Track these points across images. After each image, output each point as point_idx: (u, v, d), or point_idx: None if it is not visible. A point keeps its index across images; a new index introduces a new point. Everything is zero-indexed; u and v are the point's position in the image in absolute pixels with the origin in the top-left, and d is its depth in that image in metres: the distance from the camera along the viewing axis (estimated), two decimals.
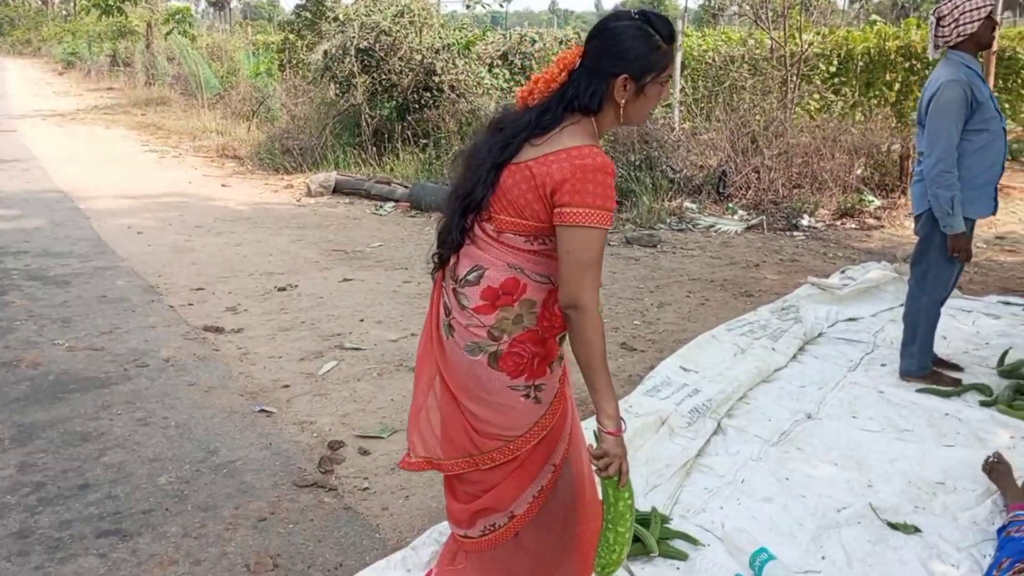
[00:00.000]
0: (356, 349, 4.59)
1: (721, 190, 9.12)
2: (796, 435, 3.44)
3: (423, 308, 5.08)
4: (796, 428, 3.51)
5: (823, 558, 2.60)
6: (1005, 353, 4.16)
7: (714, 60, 14.17)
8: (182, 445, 3.42)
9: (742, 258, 6.78)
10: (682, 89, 12.62)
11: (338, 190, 9.88)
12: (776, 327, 4.74)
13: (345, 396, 3.95)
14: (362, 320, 5.10)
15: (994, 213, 3.88)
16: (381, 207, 9.12)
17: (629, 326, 4.95)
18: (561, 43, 13.26)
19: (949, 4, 3.68)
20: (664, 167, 9.17)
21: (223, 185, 10.48)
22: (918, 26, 15.55)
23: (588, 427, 2.53)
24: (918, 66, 14.41)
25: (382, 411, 3.78)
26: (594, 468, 1.94)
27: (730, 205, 8.83)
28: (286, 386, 4.05)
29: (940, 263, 3.83)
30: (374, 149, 11.20)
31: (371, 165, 10.98)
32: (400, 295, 5.66)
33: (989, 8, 3.63)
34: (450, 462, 2.09)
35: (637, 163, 9.07)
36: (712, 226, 8.07)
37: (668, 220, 8.16)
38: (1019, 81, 13.58)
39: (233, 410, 3.77)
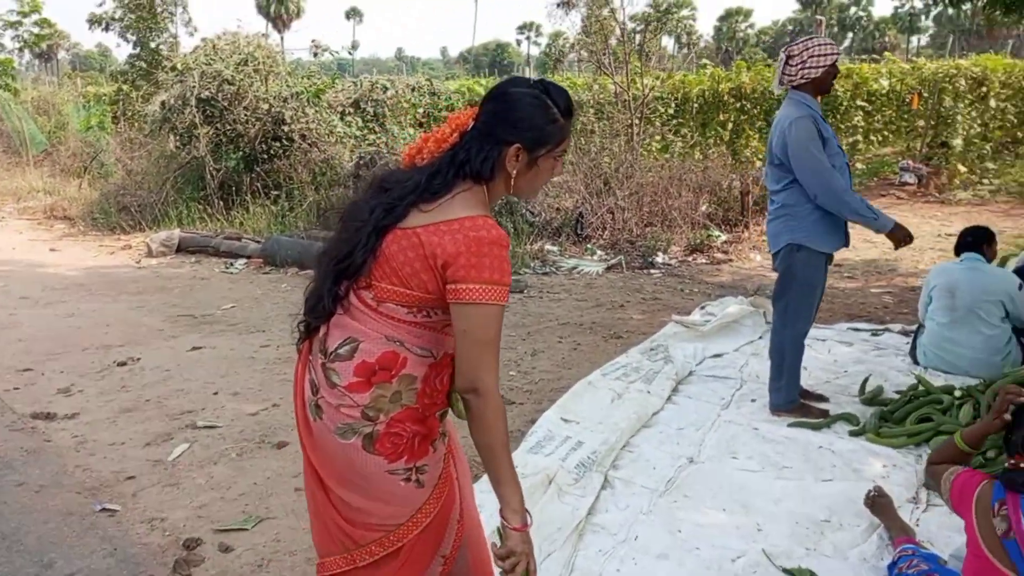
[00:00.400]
0: (211, 427, 4.19)
1: (579, 231, 9.27)
2: (681, 482, 3.40)
3: (285, 375, 4.79)
4: (680, 474, 3.47)
5: None
6: (865, 381, 4.34)
7: None
8: (11, 560, 2.94)
9: (607, 299, 6.85)
10: None
11: (182, 248, 9.27)
12: (648, 369, 4.75)
13: (200, 484, 3.56)
14: (216, 393, 4.70)
15: (847, 245, 4.05)
16: (231, 265, 8.62)
17: (505, 377, 4.83)
18: (413, 90, 13.23)
19: (800, 45, 3.85)
20: (524, 211, 9.23)
21: (52, 249, 9.62)
22: (748, 68, 16.68)
23: (480, 489, 2.37)
24: (748, 106, 15.43)
25: (244, 498, 3.43)
26: (497, 572, 1.76)
27: (589, 246, 8.97)
28: (131, 477, 3.61)
29: (800, 298, 3.94)
30: (221, 203, 10.65)
31: (218, 220, 10.42)
32: (258, 361, 5.27)
33: (835, 57, 3.81)
34: (327, 559, 1.86)
35: (497, 209, 9.07)
36: (575, 268, 8.15)
37: (532, 264, 8.18)
38: (837, 117, 14.77)
39: (70, 511, 3.30)
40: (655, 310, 6.46)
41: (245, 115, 10.75)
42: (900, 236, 3.81)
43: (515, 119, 1.76)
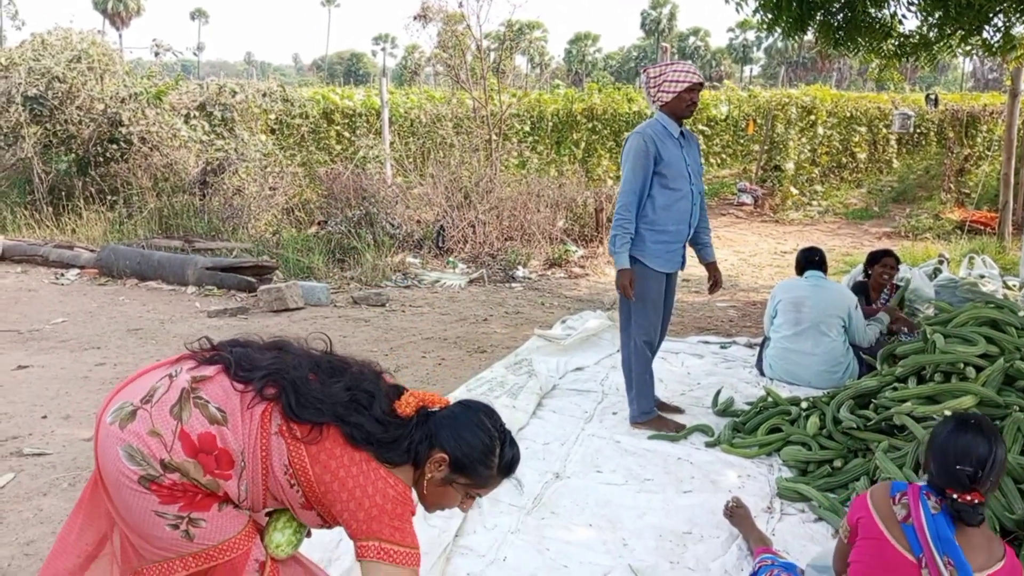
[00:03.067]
0: (39, 455, 3.78)
1: (441, 244, 9.22)
2: (548, 498, 3.40)
3: None
4: (547, 491, 3.47)
5: None
6: (718, 393, 4.53)
7: (420, 117, 14.50)
8: None
9: (470, 313, 6.83)
10: (392, 144, 12.71)
11: (7, 257, 8.43)
12: (513, 383, 4.75)
13: (28, 517, 3.20)
14: (45, 417, 4.26)
15: (682, 268, 4.20)
16: (63, 275, 7.92)
17: None
18: (265, 95, 12.74)
19: (656, 68, 3.95)
20: (384, 223, 9.07)
21: None
22: (599, 90, 17.26)
23: None
24: (599, 126, 15.98)
25: None
26: None
27: (451, 259, 8.93)
28: None
29: (640, 309, 4.05)
30: (50, 209, 9.79)
31: (47, 227, 9.56)
32: (92, 381, 4.84)
33: (685, 84, 3.86)
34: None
35: (356, 220, 8.87)
36: (437, 281, 8.08)
37: (393, 277, 8.04)
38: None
39: None
40: (518, 324, 6.50)
41: (78, 115, 9.97)
42: (619, 281, 3.98)
43: (461, 436, 1.81)
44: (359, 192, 9.51)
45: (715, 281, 4.31)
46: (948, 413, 3.20)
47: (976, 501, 1.97)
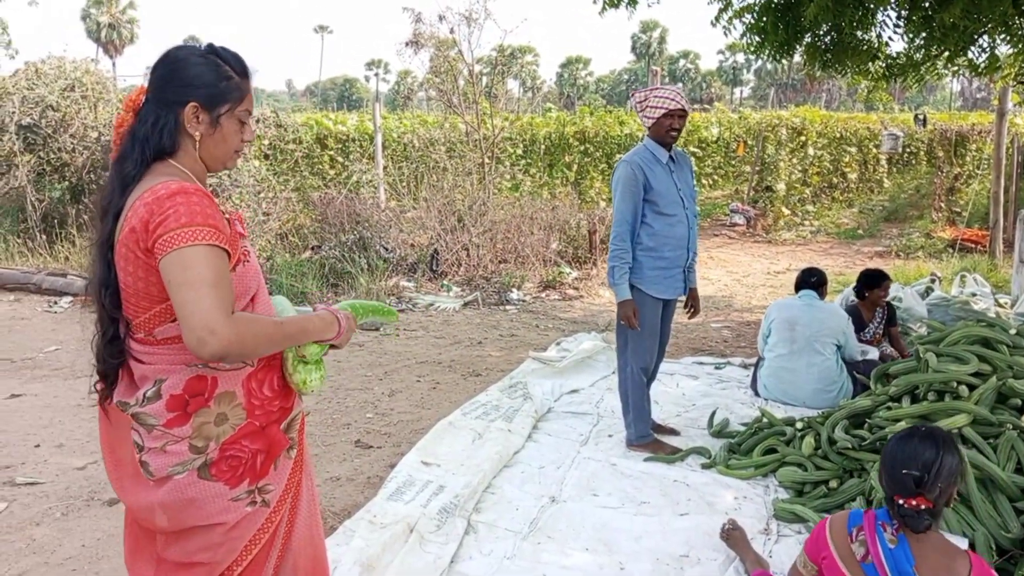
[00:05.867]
0: (32, 484, 3.76)
1: (435, 268, 9.23)
2: (544, 522, 3.38)
3: None
4: (543, 515, 3.45)
5: None
6: (713, 414, 4.54)
7: (413, 142, 14.58)
8: None
9: (465, 336, 6.83)
10: (385, 168, 12.77)
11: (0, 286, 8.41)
12: (508, 406, 4.75)
13: (20, 548, 3.18)
14: (38, 446, 4.24)
15: (685, 294, 4.20)
16: (56, 303, 7.90)
17: (362, 420, 4.66)
18: (258, 121, 12.79)
19: (642, 93, 3.98)
20: (378, 247, 9.09)
21: None
22: (591, 113, 17.40)
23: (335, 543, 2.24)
24: (591, 149, 16.09)
25: (71, 562, 3.08)
26: None
27: (444, 282, 8.94)
28: None
29: (636, 336, 4.04)
30: (43, 237, 9.78)
31: (41, 255, 9.55)
32: (85, 409, 4.81)
33: (664, 110, 3.86)
34: None
35: (350, 244, 8.89)
36: (431, 304, 8.08)
37: (387, 301, 8.03)
38: None
39: None
40: (512, 346, 6.50)
41: (71, 143, 9.99)
42: (622, 313, 3.94)
43: (185, 78, 1.68)
44: (353, 216, 9.53)
45: (694, 308, 4.30)
46: None
47: (922, 506, 1.96)
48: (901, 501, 1.98)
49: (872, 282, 5.35)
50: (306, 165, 14.41)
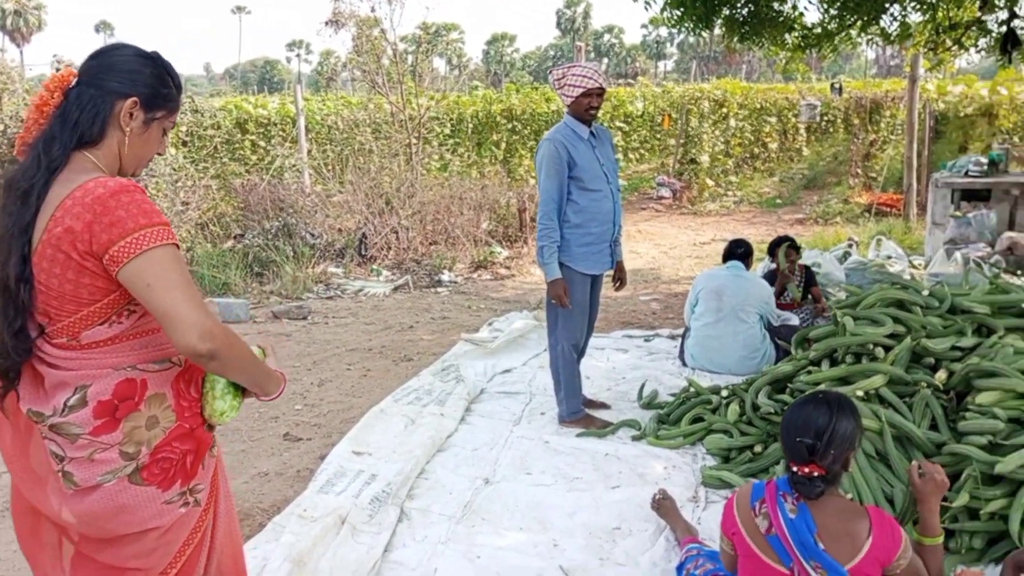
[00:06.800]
0: None
1: (363, 252, 9.09)
2: (479, 505, 3.38)
3: None
4: (477, 497, 3.44)
5: None
6: (642, 386, 4.59)
7: (337, 124, 14.31)
8: None
9: (395, 321, 6.75)
10: (309, 152, 12.50)
11: None
12: (441, 390, 4.71)
13: None
14: None
15: (612, 268, 4.23)
16: None
17: (290, 412, 4.57)
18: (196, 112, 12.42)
19: (559, 70, 3.96)
20: (303, 233, 8.90)
21: None
22: (517, 91, 17.34)
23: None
24: (519, 127, 16.05)
25: None
26: None
27: (374, 267, 8.82)
28: None
29: (565, 313, 4.04)
30: None
31: None
32: None
33: (581, 89, 3.84)
34: None
35: (274, 231, 8.67)
36: (361, 290, 7.96)
37: (315, 288, 7.88)
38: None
39: None
40: (444, 329, 6.45)
41: None
42: (552, 292, 3.95)
43: (131, 72, 1.63)
44: (276, 203, 9.30)
45: (621, 280, 4.34)
46: (860, 393, 3.31)
47: (815, 474, 1.97)
48: (795, 469, 2.01)
49: (773, 246, 5.64)
50: (226, 151, 14.01)
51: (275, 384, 1.75)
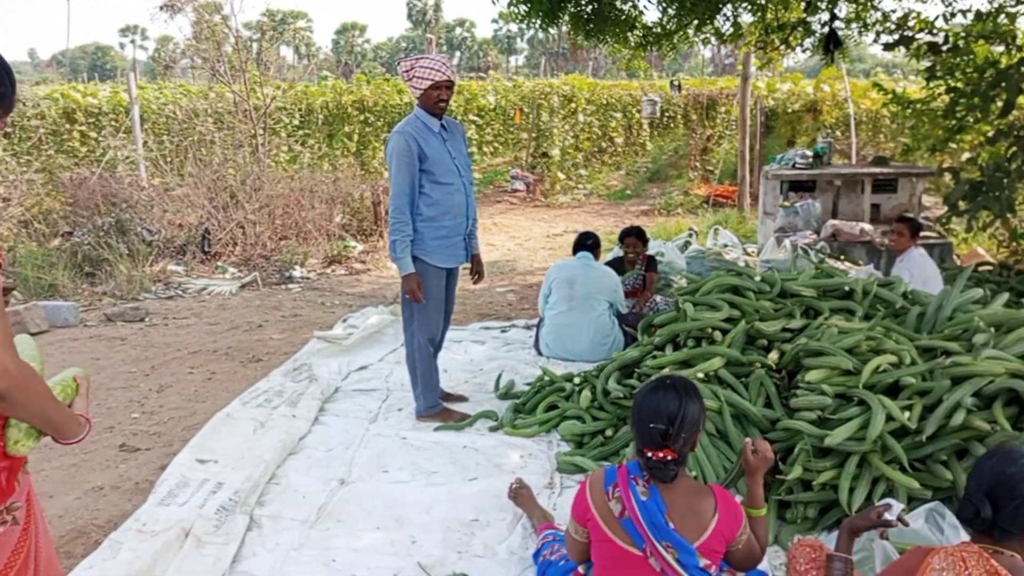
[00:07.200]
0: None
1: (206, 249, 8.65)
2: (334, 507, 3.28)
3: None
4: (332, 499, 3.34)
5: None
6: (499, 377, 4.63)
7: (175, 113, 13.56)
8: None
9: (243, 320, 6.46)
10: (145, 143, 11.76)
11: None
12: (292, 391, 4.56)
13: None
14: None
15: (467, 261, 4.22)
16: None
17: (127, 421, 4.27)
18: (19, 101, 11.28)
19: (408, 62, 3.88)
20: (139, 229, 8.35)
21: None
22: (368, 82, 17.02)
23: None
24: (372, 118, 15.79)
25: None
26: None
27: (219, 264, 8.41)
28: None
29: (421, 307, 4.02)
30: None
31: None
32: None
33: (429, 82, 3.80)
34: None
35: (107, 228, 8.09)
36: (204, 289, 7.57)
37: (153, 288, 7.42)
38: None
39: None
40: (296, 327, 6.24)
41: None
42: (407, 287, 3.95)
43: None
44: (109, 198, 8.67)
45: (478, 273, 4.35)
46: (701, 375, 3.48)
47: (668, 458, 2.05)
48: (650, 454, 2.08)
49: (624, 235, 5.84)
50: (52, 143, 12.99)
51: (76, 428, 1.68)
